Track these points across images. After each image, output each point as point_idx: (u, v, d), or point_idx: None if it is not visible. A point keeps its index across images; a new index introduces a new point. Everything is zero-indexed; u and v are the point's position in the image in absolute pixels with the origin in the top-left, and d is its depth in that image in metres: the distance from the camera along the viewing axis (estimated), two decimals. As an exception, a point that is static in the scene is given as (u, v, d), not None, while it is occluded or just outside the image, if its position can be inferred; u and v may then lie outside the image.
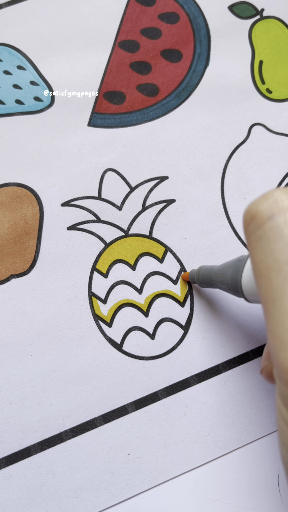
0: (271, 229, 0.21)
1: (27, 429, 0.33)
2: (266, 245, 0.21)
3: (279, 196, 0.22)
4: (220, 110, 0.39)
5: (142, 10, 0.42)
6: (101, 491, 0.32)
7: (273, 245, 0.21)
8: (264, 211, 0.22)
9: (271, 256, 0.21)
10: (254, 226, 0.22)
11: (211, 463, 0.32)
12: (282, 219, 0.21)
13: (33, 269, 0.36)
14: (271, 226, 0.21)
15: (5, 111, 0.39)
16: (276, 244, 0.21)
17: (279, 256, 0.21)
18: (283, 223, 0.21)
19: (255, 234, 0.22)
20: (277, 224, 0.21)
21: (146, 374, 0.34)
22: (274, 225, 0.21)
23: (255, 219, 0.22)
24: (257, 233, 0.22)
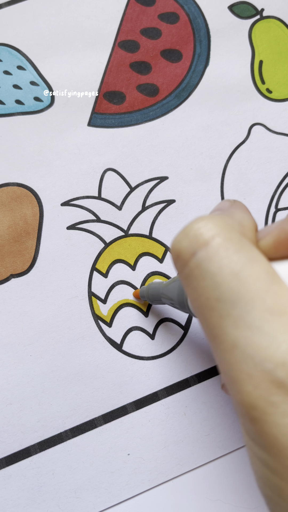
0: (196, 267, 0.21)
1: (26, 429, 0.33)
2: (195, 283, 0.21)
3: (198, 229, 0.21)
4: (220, 110, 0.39)
5: (142, 10, 0.42)
6: (101, 491, 0.32)
7: (201, 283, 0.20)
8: (186, 249, 0.21)
9: (202, 295, 0.20)
10: (180, 265, 0.21)
11: (211, 463, 0.32)
12: (205, 254, 0.20)
13: (32, 269, 0.36)
14: (196, 263, 0.21)
15: (5, 111, 0.39)
16: (204, 281, 0.20)
17: (209, 294, 0.20)
18: (207, 258, 0.20)
19: (182, 272, 0.21)
20: (200, 260, 0.20)
21: (146, 374, 0.34)
22: (198, 262, 0.20)
23: (180, 257, 0.21)
24: (184, 272, 0.21)
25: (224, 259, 0.20)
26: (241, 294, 0.19)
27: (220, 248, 0.20)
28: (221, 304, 0.20)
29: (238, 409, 0.20)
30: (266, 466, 0.19)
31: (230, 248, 0.20)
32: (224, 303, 0.20)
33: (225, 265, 0.20)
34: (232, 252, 0.20)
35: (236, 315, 0.19)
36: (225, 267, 0.20)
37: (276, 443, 0.18)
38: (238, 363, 0.19)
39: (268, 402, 0.18)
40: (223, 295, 0.20)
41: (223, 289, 0.20)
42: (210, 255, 0.20)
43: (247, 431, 0.20)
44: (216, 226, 0.21)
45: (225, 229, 0.21)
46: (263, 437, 0.19)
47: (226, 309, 0.19)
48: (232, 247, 0.20)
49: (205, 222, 0.21)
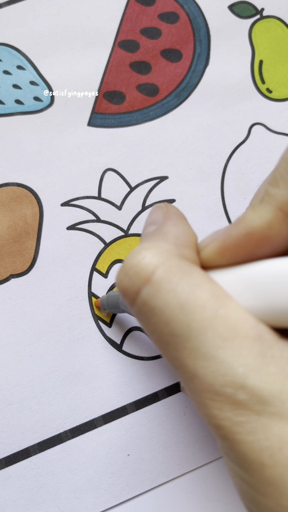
0: (143, 304, 0.20)
1: (26, 430, 0.33)
2: (145, 320, 0.20)
3: (137, 265, 0.20)
4: (220, 110, 0.39)
5: (142, 10, 0.42)
6: (101, 492, 0.32)
7: (151, 320, 0.20)
8: (129, 288, 0.21)
9: (156, 331, 0.20)
10: (127, 302, 0.21)
11: (211, 463, 0.32)
12: (148, 291, 0.20)
13: (32, 269, 0.36)
14: (142, 302, 0.20)
15: (4, 111, 0.39)
16: (153, 318, 0.20)
17: (161, 330, 0.20)
18: (151, 295, 0.20)
19: (132, 309, 0.21)
20: (146, 298, 0.20)
21: (146, 374, 0.34)
22: (144, 301, 0.20)
23: (126, 296, 0.21)
24: (134, 310, 0.21)
25: (168, 293, 0.20)
26: (191, 327, 0.19)
27: (162, 282, 0.20)
28: (175, 338, 0.20)
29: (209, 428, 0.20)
30: (242, 480, 0.19)
31: (172, 279, 0.20)
32: (177, 337, 0.20)
33: (171, 299, 0.20)
34: (175, 283, 0.20)
35: (191, 347, 0.19)
36: (171, 302, 0.20)
37: (246, 459, 0.19)
38: (200, 391, 0.19)
39: (233, 422, 0.19)
40: (175, 330, 0.20)
41: (173, 325, 0.20)
42: (154, 292, 0.20)
43: (220, 447, 0.20)
44: (154, 258, 0.21)
45: (163, 258, 0.21)
46: (234, 454, 0.19)
47: (181, 343, 0.20)
48: (174, 277, 0.20)
49: (142, 256, 0.21)
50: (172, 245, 0.22)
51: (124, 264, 0.21)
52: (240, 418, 0.19)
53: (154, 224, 0.24)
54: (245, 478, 0.19)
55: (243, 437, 0.19)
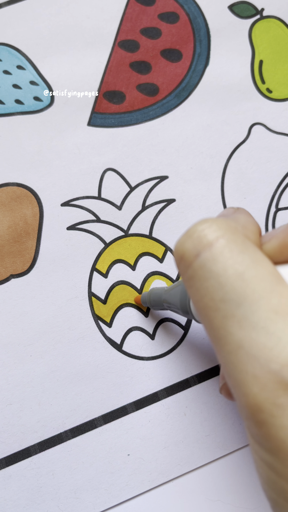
0: (200, 267, 0.21)
1: (26, 430, 0.33)
2: (198, 284, 0.21)
3: (202, 231, 0.21)
4: (220, 109, 0.39)
5: (142, 10, 0.42)
6: (101, 492, 0.32)
7: (205, 283, 0.20)
8: (190, 250, 0.21)
9: (206, 295, 0.20)
10: (183, 266, 0.21)
11: (211, 463, 0.32)
12: (209, 255, 0.20)
13: (32, 269, 0.36)
14: (200, 264, 0.21)
15: (4, 111, 0.39)
16: (207, 282, 0.20)
17: (213, 295, 0.20)
18: (211, 259, 0.20)
19: (186, 274, 0.21)
20: (204, 261, 0.20)
21: (146, 374, 0.34)
22: (202, 263, 0.20)
23: (183, 259, 0.21)
24: (188, 273, 0.21)
25: (228, 260, 0.20)
26: (245, 294, 0.19)
27: (224, 249, 0.20)
28: (225, 304, 0.19)
29: (243, 412, 0.19)
30: (272, 470, 0.19)
31: (234, 249, 0.20)
32: (229, 303, 0.19)
33: (230, 265, 0.20)
34: (237, 253, 0.20)
35: (240, 316, 0.19)
36: (229, 268, 0.20)
37: (283, 446, 0.18)
38: (243, 364, 0.19)
39: (274, 404, 0.18)
40: (228, 295, 0.19)
41: (227, 289, 0.20)
42: (214, 256, 0.20)
43: (252, 435, 0.19)
44: (220, 228, 0.21)
45: (229, 231, 0.21)
46: (270, 440, 0.18)
47: (231, 310, 0.19)
48: (236, 248, 0.20)
49: (209, 224, 0.21)
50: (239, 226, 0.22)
51: (189, 229, 0.22)
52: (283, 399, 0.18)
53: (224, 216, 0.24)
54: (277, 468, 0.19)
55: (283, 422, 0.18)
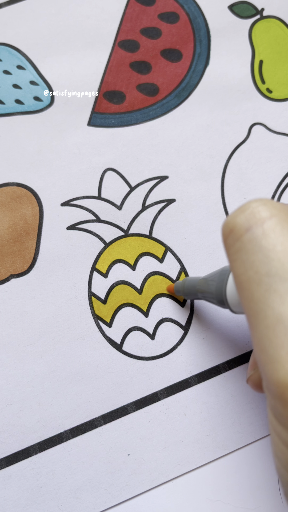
0: (249, 241, 0.21)
1: (26, 430, 0.33)
2: (245, 257, 0.21)
3: (256, 207, 0.21)
4: (220, 110, 0.39)
5: (142, 9, 0.42)
6: (101, 492, 0.32)
7: (252, 257, 0.21)
8: (241, 224, 0.21)
9: (251, 268, 0.21)
10: (232, 238, 0.22)
11: (211, 463, 0.32)
12: (260, 231, 0.21)
13: (32, 269, 0.36)
14: (250, 238, 0.21)
15: (4, 111, 0.39)
16: (255, 255, 0.21)
17: (259, 268, 0.20)
18: (261, 234, 0.21)
19: (234, 246, 0.22)
20: (255, 235, 0.21)
21: (146, 374, 0.34)
22: (252, 237, 0.21)
23: (233, 231, 0.22)
24: (236, 246, 0.22)
25: (279, 237, 0.20)
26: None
27: (276, 227, 0.21)
28: (270, 278, 0.20)
29: (271, 389, 0.19)
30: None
31: (286, 228, 0.21)
32: (273, 277, 0.20)
33: (280, 242, 0.20)
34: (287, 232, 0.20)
35: (283, 291, 0.19)
36: (279, 244, 0.20)
37: None
38: (280, 339, 0.19)
39: None
40: (273, 269, 0.20)
41: (274, 264, 0.20)
42: (265, 232, 0.21)
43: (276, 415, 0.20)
44: (274, 208, 0.21)
45: (283, 212, 0.21)
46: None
47: (274, 284, 0.20)
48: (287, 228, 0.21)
49: (263, 202, 0.22)
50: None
51: (242, 205, 0.22)
52: None
53: None
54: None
55: None
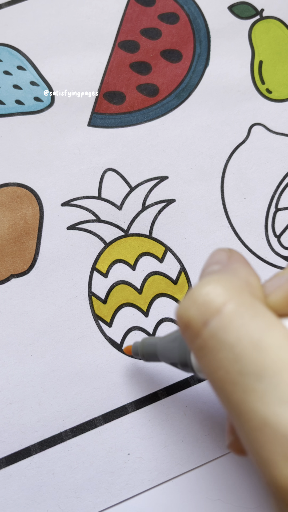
0: (210, 337, 0.19)
1: (27, 429, 0.33)
2: (211, 355, 0.19)
3: (207, 295, 0.19)
4: (220, 110, 0.39)
5: (142, 10, 0.42)
6: (101, 491, 0.32)
7: (218, 355, 0.18)
8: (196, 318, 0.19)
9: (221, 368, 0.18)
10: (190, 335, 0.19)
11: (211, 463, 0.32)
12: (219, 323, 0.19)
13: (33, 269, 0.36)
14: (209, 334, 0.19)
15: (5, 111, 0.39)
16: (221, 353, 0.18)
17: (229, 367, 0.18)
18: (221, 328, 0.18)
19: (195, 343, 0.19)
20: (215, 330, 0.19)
21: (146, 374, 0.34)
22: (212, 333, 0.19)
23: (190, 327, 0.19)
24: (197, 343, 0.19)
25: (241, 328, 0.18)
26: (265, 366, 0.18)
27: (234, 316, 0.19)
28: (244, 378, 0.18)
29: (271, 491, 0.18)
30: None
31: (245, 314, 0.19)
32: (248, 377, 0.18)
33: (244, 334, 0.18)
34: (248, 318, 0.18)
35: (262, 390, 0.17)
36: (243, 337, 0.18)
37: None
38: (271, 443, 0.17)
39: None
40: (245, 368, 0.18)
41: (244, 362, 0.18)
42: (225, 324, 0.18)
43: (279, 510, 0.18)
44: (226, 290, 0.19)
45: (236, 293, 0.19)
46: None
47: (251, 384, 0.18)
48: (247, 312, 0.19)
49: (213, 287, 0.19)
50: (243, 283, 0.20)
51: (192, 293, 0.20)
52: None
53: (219, 264, 0.22)
54: None
55: None
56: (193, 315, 0.19)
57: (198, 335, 0.19)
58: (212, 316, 0.19)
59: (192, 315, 0.19)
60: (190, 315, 0.19)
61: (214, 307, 0.19)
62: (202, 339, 0.19)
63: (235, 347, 0.18)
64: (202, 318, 0.19)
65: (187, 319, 0.19)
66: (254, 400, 0.18)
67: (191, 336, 0.20)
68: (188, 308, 0.20)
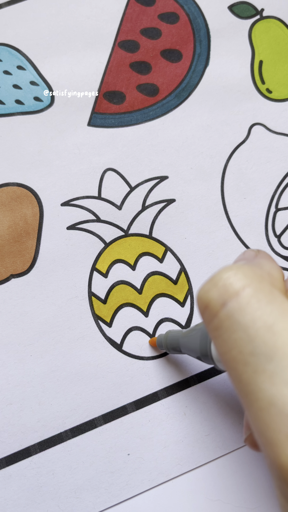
0: (227, 317, 0.20)
1: (27, 429, 0.33)
2: (226, 335, 0.20)
3: (227, 278, 0.20)
4: (220, 110, 0.39)
5: (142, 10, 0.42)
6: (101, 491, 0.32)
7: (233, 335, 0.19)
8: (215, 299, 0.20)
9: (235, 348, 0.19)
10: (209, 315, 0.21)
11: (211, 463, 0.32)
12: (236, 305, 0.20)
13: (32, 269, 0.36)
14: (226, 314, 0.20)
15: (5, 111, 0.39)
16: (236, 334, 0.19)
17: (242, 347, 0.19)
18: (238, 309, 0.19)
19: (212, 323, 0.20)
20: (232, 311, 0.20)
21: (146, 374, 0.34)
22: (229, 313, 0.20)
23: (209, 307, 0.20)
24: (214, 323, 0.20)
25: (257, 311, 0.19)
26: (276, 348, 0.18)
27: (252, 299, 0.19)
28: (256, 358, 0.19)
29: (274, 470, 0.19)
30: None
31: (262, 299, 0.19)
32: (259, 357, 0.19)
33: (258, 317, 0.19)
34: (265, 303, 0.19)
35: (272, 371, 0.18)
36: (258, 319, 0.19)
37: None
38: (276, 423, 0.18)
39: None
40: (257, 349, 0.19)
41: (257, 343, 0.19)
42: (241, 306, 0.19)
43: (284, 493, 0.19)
44: (246, 276, 0.20)
45: (256, 280, 0.20)
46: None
47: (261, 364, 0.18)
48: (264, 298, 0.20)
49: (234, 272, 0.20)
50: (265, 273, 0.21)
51: (213, 276, 0.21)
52: None
53: (245, 260, 0.23)
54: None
55: None
56: (213, 296, 0.20)
57: (216, 316, 0.20)
58: (230, 298, 0.20)
59: (212, 296, 0.20)
60: (210, 296, 0.20)
61: (233, 289, 0.20)
62: (219, 319, 0.20)
63: (249, 328, 0.19)
64: (221, 299, 0.20)
65: (207, 300, 0.20)
66: (263, 380, 0.18)
67: (209, 316, 0.21)
68: (209, 290, 0.21)
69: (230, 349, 0.20)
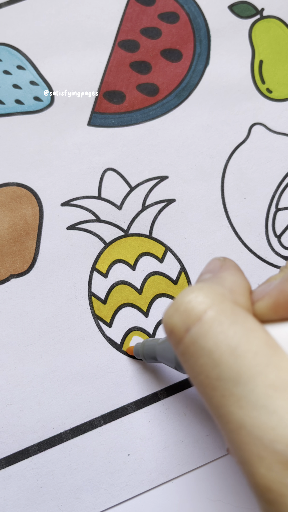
0: (191, 343, 0.19)
1: (26, 430, 0.33)
2: (192, 361, 0.20)
3: (189, 303, 0.20)
4: (220, 109, 0.39)
5: (142, 10, 0.42)
6: (101, 492, 0.32)
7: (198, 361, 0.19)
8: (179, 325, 0.20)
9: (202, 373, 0.19)
10: (174, 341, 0.20)
11: (211, 463, 0.32)
12: (199, 330, 0.19)
13: (32, 269, 0.36)
14: (190, 340, 0.20)
15: (4, 111, 0.39)
16: (201, 359, 0.19)
17: (208, 372, 0.19)
18: (201, 334, 0.19)
19: (178, 349, 0.20)
20: (195, 337, 0.19)
21: (146, 374, 0.34)
22: (193, 339, 0.19)
23: (173, 334, 0.20)
24: (180, 349, 0.20)
25: (219, 335, 0.19)
26: (241, 372, 0.18)
27: (214, 323, 0.19)
28: (222, 383, 0.19)
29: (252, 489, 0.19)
30: None
31: (225, 321, 0.19)
32: (225, 381, 0.19)
33: (221, 341, 0.19)
34: (227, 325, 0.19)
35: (239, 394, 0.18)
36: (221, 343, 0.19)
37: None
38: (247, 444, 0.18)
39: (282, 484, 0.17)
40: (223, 373, 0.19)
41: (222, 368, 0.19)
42: (204, 331, 0.19)
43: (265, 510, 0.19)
44: (207, 298, 0.20)
45: (217, 300, 0.20)
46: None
47: (228, 388, 0.19)
48: (226, 319, 0.19)
49: (195, 295, 0.20)
50: (227, 291, 0.21)
51: (175, 301, 0.21)
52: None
53: (211, 273, 0.23)
54: None
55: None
56: (176, 322, 0.20)
57: (180, 341, 0.20)
58: (193, 323, 0.20)
59: (175, 322, 0.20)
60: (173, 322, 0.20)
61: (195, 314, 0.20)
62: (184, 345, 0.20)
63: (213, 353, 0.19)
64: (184, 325, 0.20)
65: (171, 326, 0.20)
66: (231, 404, 0.19)
67: (175, 342, 0.20)
68: (172, 315, 0.20)
69: (197, 374, 0.20)
